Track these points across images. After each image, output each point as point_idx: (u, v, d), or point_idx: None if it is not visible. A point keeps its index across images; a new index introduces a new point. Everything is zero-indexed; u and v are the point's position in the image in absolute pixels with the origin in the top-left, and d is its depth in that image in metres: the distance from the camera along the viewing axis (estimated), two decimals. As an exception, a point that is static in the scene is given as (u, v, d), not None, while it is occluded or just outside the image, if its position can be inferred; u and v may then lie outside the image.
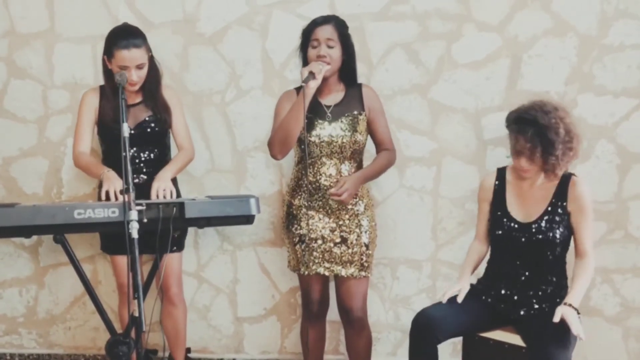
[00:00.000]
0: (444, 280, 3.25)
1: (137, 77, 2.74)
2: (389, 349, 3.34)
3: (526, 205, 2.54)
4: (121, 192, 2.37)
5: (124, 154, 2.31)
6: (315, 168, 2.76)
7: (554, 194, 2.50)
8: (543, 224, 2.48)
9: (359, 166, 2.83)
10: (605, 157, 3.12)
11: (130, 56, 2.70)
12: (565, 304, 2.37)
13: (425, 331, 2.46)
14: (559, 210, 2.48)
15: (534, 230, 2.48)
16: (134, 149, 2.82)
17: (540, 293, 2.50)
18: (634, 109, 3.09)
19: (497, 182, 2.62)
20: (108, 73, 2.79)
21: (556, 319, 2.30)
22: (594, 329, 3.12)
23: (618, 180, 3.13)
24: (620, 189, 3.13)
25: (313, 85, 2.62)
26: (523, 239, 2.50)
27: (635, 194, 3.13)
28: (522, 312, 2.51)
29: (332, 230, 2.76)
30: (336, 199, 2.67)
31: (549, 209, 2.49)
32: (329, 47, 2.69)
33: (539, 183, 2.53)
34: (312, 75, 2.61)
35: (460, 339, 2.64)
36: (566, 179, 2.50)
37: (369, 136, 2.84)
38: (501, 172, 2.65)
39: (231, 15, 3.21)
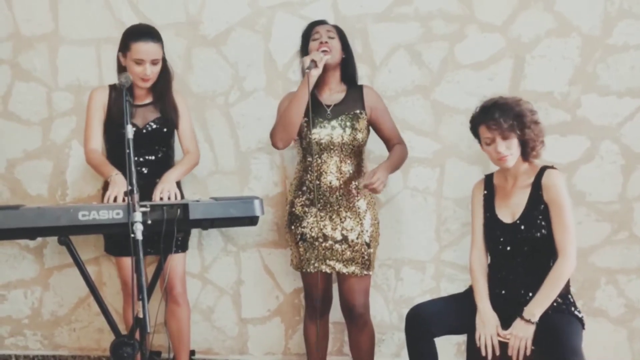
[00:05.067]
0: (447, 281, 3.25)
1: (150, 72, 2.76)
2: (393, 349, 3.33)
3: (511, 205, 2.53)
4: (125, 193, 2.37)
5: (127, 153, 2.32)
6: (316, 167, 2.77)
7: (531, 186, 2.49)
8: (526, 220, 2.47)
9: (360, 165, 2.83)
10: (610, 157, 3.12)
11: (147, 49, 2.72)
12: (522, 317, 2.37)
13: (418, 325, 2.47)
14: (539, 204, 2.46)
15: (519, 228, 2.47)
16: (140, 149, 2.82)
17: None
18: (638, 109, 3.09)
19: (485, 190, 2.62)
20: (122, 71, 2.79)
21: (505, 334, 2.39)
22: (598, 330, 3.12)
23: (622, 180, 3.12)
24: (624, 189, 3.12)
25: (315, 73, 2.66)
26: (512, 240, 2.49)
27: (640, 194, 3.12)
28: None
29: (334, 229, 2.77)
30: (370, 188, 2.65)
31: (529, 204, 2.48)
32: (330, 37, 2.77)
33: (520, 181, 2.52)
34: (313, 63, 2.64)
35: (464, 339, 2.64)
36: (542, 171, 2.49)
37: (369, 135, 2.85)
38: (489, 178, 2.65)
39: (234, 17, 3.22)
